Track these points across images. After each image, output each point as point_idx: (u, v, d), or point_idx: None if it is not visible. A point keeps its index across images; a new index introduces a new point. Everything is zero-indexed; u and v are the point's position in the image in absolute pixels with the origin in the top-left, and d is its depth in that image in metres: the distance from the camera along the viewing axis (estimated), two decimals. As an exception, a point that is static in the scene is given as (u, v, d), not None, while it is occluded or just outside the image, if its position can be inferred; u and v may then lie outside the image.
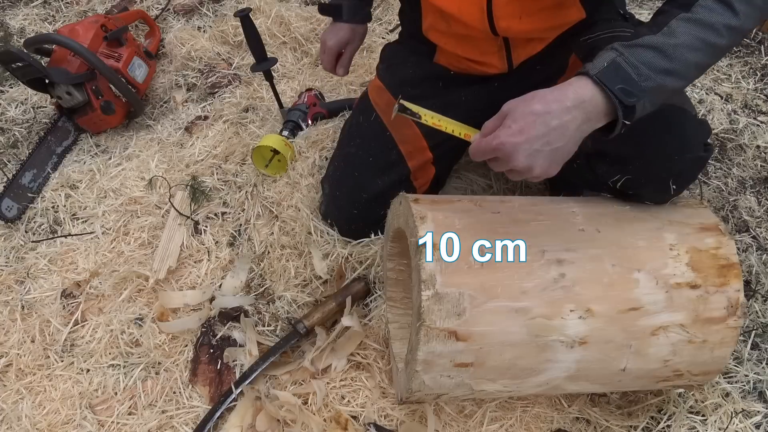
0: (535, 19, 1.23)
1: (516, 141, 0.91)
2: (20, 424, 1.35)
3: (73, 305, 1.55)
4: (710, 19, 0.92)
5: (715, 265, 1.10)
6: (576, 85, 0.93)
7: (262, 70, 1.75)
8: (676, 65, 0.92)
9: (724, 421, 1.30)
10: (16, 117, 2.05)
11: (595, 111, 0.92)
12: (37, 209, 1.77)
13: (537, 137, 0.91)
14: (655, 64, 0.91)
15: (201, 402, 1.38)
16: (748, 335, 1.44)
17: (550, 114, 0.91)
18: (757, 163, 1.81)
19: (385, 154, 1.44)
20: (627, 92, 0.90)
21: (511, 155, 0.92)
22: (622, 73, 0.91)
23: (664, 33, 0.92)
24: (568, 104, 0.91)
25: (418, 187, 1.49)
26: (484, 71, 1.39)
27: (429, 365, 1.04)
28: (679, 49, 0.91)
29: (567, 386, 1.14)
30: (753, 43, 2.20)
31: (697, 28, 0.92)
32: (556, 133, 0.91)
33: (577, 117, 0.92)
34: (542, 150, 0.92)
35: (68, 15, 2.46)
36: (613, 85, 0.90)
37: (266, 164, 1.72)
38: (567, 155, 0.95)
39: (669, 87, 0.93)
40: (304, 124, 1.83)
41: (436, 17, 1.32)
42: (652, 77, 0.91)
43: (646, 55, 0.92)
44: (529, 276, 1.05)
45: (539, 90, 0.95)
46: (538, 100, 0.93)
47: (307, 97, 1.89)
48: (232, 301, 1.52)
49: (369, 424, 1.31)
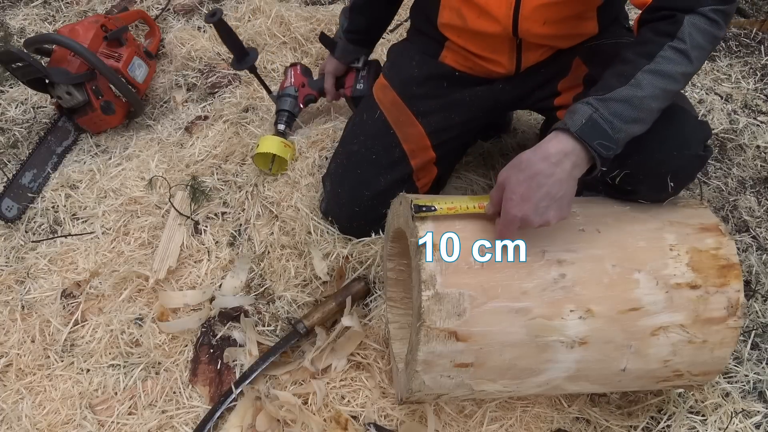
0: (556, 27, 1.27)
1: (523, 209, 1.00)
2: (20, 424, 1.35)
3: (73, 305, 1.55)
4: (670, 69, 1.03)
5: (716, 266, 1.10)
6: (557, 140, 1.02)
7: (246, 68, 1.74)
8: (643, 114, 1.04)
9: (724, 421, 1.31)
10: (16, 117, 2.05)
11: (578, 159, 1.02)
12: (37, 209, 1.77)
13: (540, 197, 1.00)
14: (625, 116, 1.02)
15: (201, 402, 1.38)
16: (748, 335, 1.44)
17: (541, 173, 1.00)
18: (757, 163, 1.81)
19: (388, 153, 1.45)
20: (604, 146, 1.02)
21: (527, 220, 1.01)
22: (599, 129, 1.01)
23: (632, 85, 1.03)
24: (553, 160, 1.00)
25: (420, 186, 1.49)
26: (490, 71, 1.39)
27: (429, 365, 1.04)
28: (645, 100, 1.03)
29: (567, 386, 1.14)
30: (753, 43, 2.20)
31: (659, 79, 1.03)
32: (554, 186, 1.01)
33: (565, 166, 1.01)
34: (549, 204, 1.01)
35: (68, 15, 2.46)
36: (592, 140, 1.01)
37: (269, 167, 1.72)
38: (571, 197, 1.04)
39: (635, 133, 1.06)
40: (297, 110, 1.82)
41: (453, 14, 1.33)
42: (624, 129, 1.03)
43: (618, 108, 1.02)
44: (529, 276, 1.05)
45: (523, 153, 1.03)
46: (526, 164, 1.01)
47: (293, 76, 1.83)
48: (232, 301, 1.52)
49: (369, 424, 1.31)
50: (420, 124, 1.45)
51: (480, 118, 1.49)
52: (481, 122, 1.53)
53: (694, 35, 1.03)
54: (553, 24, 1.25)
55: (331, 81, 1.75)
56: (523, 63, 1.36)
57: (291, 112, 1.81)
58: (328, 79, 1.75)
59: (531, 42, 1.31)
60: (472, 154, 1.82)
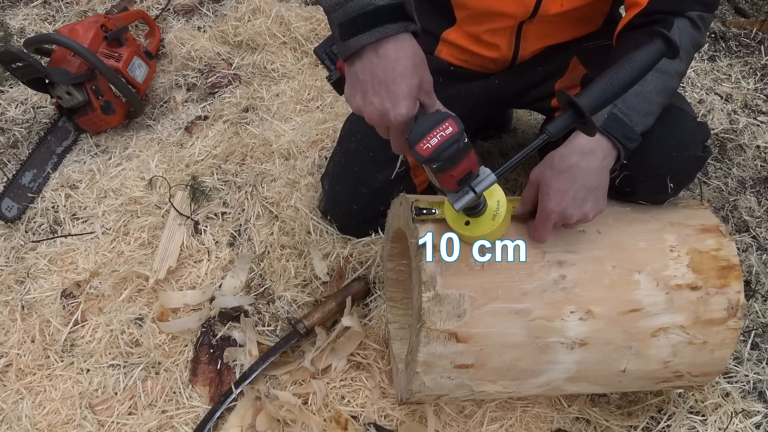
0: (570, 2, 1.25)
1: (562, 202, 1.02)
2: (20, 424, 1.35)
3: (73, 305, 1.55)
4: (667, 67, 1.08)
5: (716, 267, 1.10)
6: (583, 136, 1.03)
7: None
8: (653, 108, 1.08)
9: (724, 421, 1.31)
10: (16, 117, 2.05)
11: (607, 151, 1.05)
12: (37, 209, 1.77)
13: (577, 189, 1.02)
14: (640, 109, 1.06)
15: (201, 402, 1.38)
16: (748, 335, 1.44)
17: (575, 165, 1.02)
18: (757, 163, 1.81)
19: (385, 150, 1.43)
20: (628, 138, 1.05)
21: (565, 215, 1.03)
22: (620, 123, 1.04)
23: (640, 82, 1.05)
24: (585, 151, 1.03)
25: (418, 184, 1.49)
26: (486, 60, 1.38)
27: (429, 366, 1.04)
28: (653, 94, 1.07)
29: (567, 387, 1.14)
30: (753, 43, 2.20)
31: (659, 75, 1.07)
32: (590, 177, 1.03)
33: (597, 156, 1.03)
34: (586, 196, 1.03)
35: (68, 15, 2.46)
36: (616, 134, 1.04)
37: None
38: (606, 188, 1.07)
39: (649, 125, 1.09)
40: None
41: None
42: (641, 121, 1.06)
43: (633, 102, 1.06)
44: (529, 277, 1.05)
45: (554, 152, 1.05)
46: (558, 159, 1.03)
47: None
48: (232, 301, 1.52)
49: (369, 424, 1.31)
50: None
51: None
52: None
53: (682, 37, 1.09)
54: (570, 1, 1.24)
55: None
56: (521, 52, 1.36)
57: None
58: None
59: (534, 30, 1.30)
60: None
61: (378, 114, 0.88)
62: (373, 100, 0.88)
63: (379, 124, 0.91)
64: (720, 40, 2.21)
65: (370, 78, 0.88)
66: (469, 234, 1.00)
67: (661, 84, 1.08)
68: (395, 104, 0.87)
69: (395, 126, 0.89)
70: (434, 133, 0.82)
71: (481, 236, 1.01)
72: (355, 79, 0.90)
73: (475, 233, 1.00)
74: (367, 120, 0.90)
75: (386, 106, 0.87)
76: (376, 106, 0.88)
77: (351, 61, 0.89)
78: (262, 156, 1.84)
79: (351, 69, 0.90)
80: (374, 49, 0.87)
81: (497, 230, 1.00)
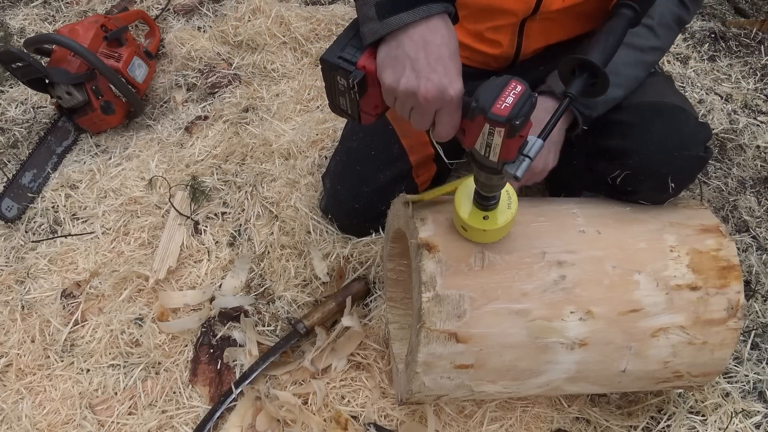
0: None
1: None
2: (20, 424, 1.36)
3: (73, 305, 1.55)
4: (637, 42, 1.15)
5: (716, 267, 1.10)
6: (542, 99, 1.14)
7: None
8: (619, 79, 1.14)
9: (724, 421, 1.31)
10: (16, 117, 2.05)
11: (564, 119, 1.15)
12: (37, 209, 1.77)
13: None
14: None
15: (201, 402, 1.38)
16: (748, 335, 1.45)
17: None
18: (757, 163, 1.81)
19: (387, 148, 1.45)
20: (586, 106, 1.14)
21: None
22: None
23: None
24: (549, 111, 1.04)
25: (419, 183, 1.49)
26: (488, 57, 1.38)
27: (429, 367, 1.04)
28: (620, 67, 1.12)
29: (567, 387, 1.14)
30: (753, 43, 2.20)
31: (629, 50, 1.14)
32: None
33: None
34: (550, 149, 1.17)
35: (68, 15, 2.45)
36: (574, 103, 1.05)
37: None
38: (560, 145, 1.20)
39: (615, 96, 1.16)
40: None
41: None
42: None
43: None
44: (529, 278, 1.05)
45: None
46: None
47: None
48: (232, 301, 1.52)
49: (369, 424, 1.31)
50: None
51: None
52: None
53: (665, 14, 1.15)
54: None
55: None
56: (523, 49, 1.35)
57: None
58: None
59: (537, 26, 1.30)
60: (472, 154, 1.81)
61: (436, 90, 0.85)
62: (431, 77, 0.85)
63: (433, 103, 0.87)
64: (720, 40, 2.21)
65: (425, 55, 0.85)
66: (490, 227, 1.00)
67: (631, 57, 1.15)
68: (453, 80, 0.85)
69: (453, 102, 0.86)
70: (506, 94, 0.81)
71: (493, 238, 1.04)
72: (403, 59, 0.86)
73: (495, 226, 1.00)
74: (422, 99, 0.86)
75: (444, 82, 0.85)
76: (434, 82, 0.85)
77: (392, 41, 0.87)
78: (262, 156, 1.84)
79: (394, 50, 0.87)
80: (425, 26, 0.85)
81: (504, 228, 1.01)
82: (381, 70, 0.88)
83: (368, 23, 0.88)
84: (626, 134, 1.17)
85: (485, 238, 1.04)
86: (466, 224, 1.02)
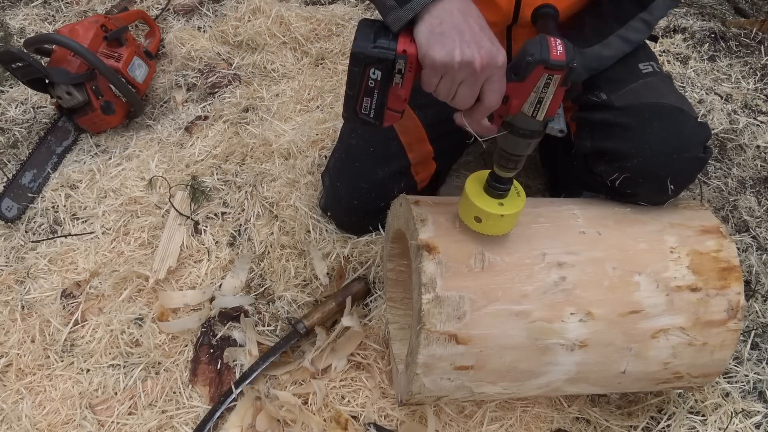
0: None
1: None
2: (20, 424, 1.35)
3: (73, 305, 1.55)
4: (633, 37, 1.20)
5: (716, 268, 1.10)
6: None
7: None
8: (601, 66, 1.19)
9: (724, 421, 1.31)
10: (16, 117, 2.04)
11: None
12: (37, 209, 1.77)
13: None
14: (590, 67, 1.19)
15: (201, 402, 1.38)
16: (748, 335, 1.45)
17: None
18: (757, 163, 1.81)
19: (385, 145, 1.45)
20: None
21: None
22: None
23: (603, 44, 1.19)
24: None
25: (418, 181, 1.49)
26: None
27: (429, 368, 1.04)
28: (609, 59, 1.20)
29: (567, 388, 1.14)
30: (753, 43, 2.20)
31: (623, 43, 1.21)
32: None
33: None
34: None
35: (68, 15, 2.45)
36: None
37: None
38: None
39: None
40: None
41: None
42: (584, 74, 1.15)
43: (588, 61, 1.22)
44: (529, 279, 1.05)
45: None
46: None
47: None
48: (232, 301, 1.52)
49: (369, 424, 1.31)
50: (417, 116, 1.44)
51: None
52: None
53: (661, 8, 1.17)
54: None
55: None
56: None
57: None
58: None
59: (523, 30, 1.29)
60: (472, 154, 1.81)
61: (489, 57, 0.87)
62: (483, 44, 0.87)
63: (487, 70, 0.88)
64: (720, 40, 2.21)
65: (469, 26, 0.87)
66: (508, 212, 1.01)
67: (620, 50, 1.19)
68: (498, 47, 0.88)
69: (503, 68, 0.89)
70: (554, 44, 0.83)
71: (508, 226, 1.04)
72: (450, 32, 0.87)
73: (512, 210, 1.01)
74: (478, 67, 0.86)
75: (494, 50, 0.87)
76: (486, 48, 0.87)
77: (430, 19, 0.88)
78: (262, 156, 1.84)
79: (437, 26, 0.87)
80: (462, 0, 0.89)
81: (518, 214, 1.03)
82: (428, 49, 0.87)
83: (392, 13, 0.89)
84: (624, 137, 1.16)
85: (500, 228, 1.03)
86: (482, 212, 1.00)
